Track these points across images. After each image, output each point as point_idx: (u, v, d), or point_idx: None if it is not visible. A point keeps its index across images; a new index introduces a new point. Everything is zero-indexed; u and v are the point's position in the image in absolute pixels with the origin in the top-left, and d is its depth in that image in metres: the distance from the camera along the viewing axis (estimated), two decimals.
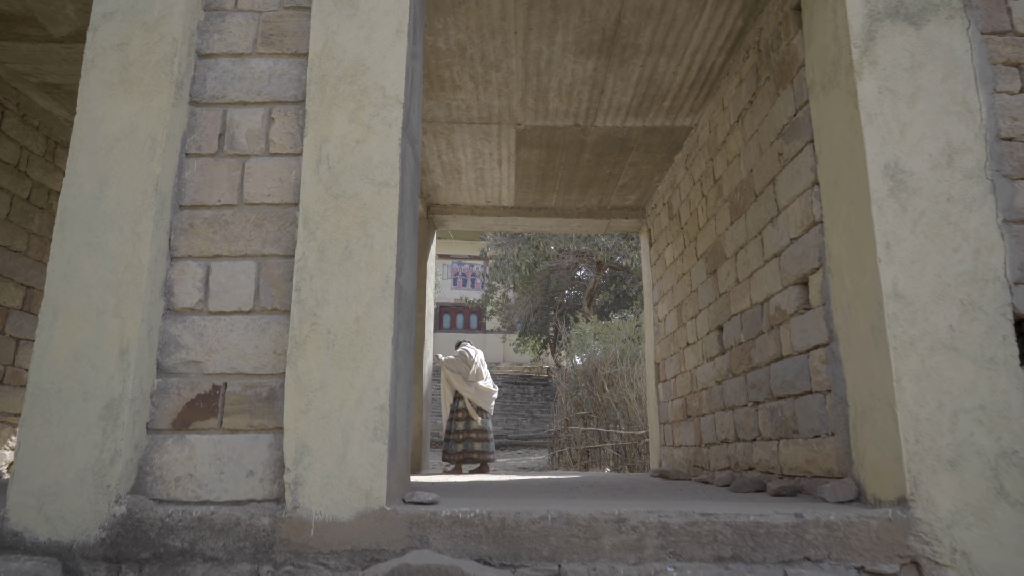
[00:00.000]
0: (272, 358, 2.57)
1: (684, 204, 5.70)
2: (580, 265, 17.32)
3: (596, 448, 9.36)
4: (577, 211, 7.19)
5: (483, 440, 6.91)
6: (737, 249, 4.35)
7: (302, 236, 2.60)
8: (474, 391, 6.91)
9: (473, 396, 6.91)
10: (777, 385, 3.66)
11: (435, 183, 6.59)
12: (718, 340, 4.74)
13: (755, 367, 4.02)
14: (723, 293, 4.63)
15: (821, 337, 3.12)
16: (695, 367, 5.33)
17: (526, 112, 5.17)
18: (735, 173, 4.40)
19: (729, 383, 4.50)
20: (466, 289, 32.29)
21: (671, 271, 6.13)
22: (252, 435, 2.49)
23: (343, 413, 2.42)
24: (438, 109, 5.14)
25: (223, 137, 2.81)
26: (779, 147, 3.66)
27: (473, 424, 6.92)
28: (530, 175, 6.36)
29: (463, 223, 7.39)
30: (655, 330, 6.76)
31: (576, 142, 5.68)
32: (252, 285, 2.64)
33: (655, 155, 5.93)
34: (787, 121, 3.54)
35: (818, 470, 3.17)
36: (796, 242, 3.42)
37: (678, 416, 5.85)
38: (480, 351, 7.25)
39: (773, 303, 3.73)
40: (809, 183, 3.26)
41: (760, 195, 3.95)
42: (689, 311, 5.50)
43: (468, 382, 6.91)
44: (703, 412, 5.11)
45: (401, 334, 2.69)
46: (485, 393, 6.95)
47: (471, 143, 5.71)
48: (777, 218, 3.68)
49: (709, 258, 4.96)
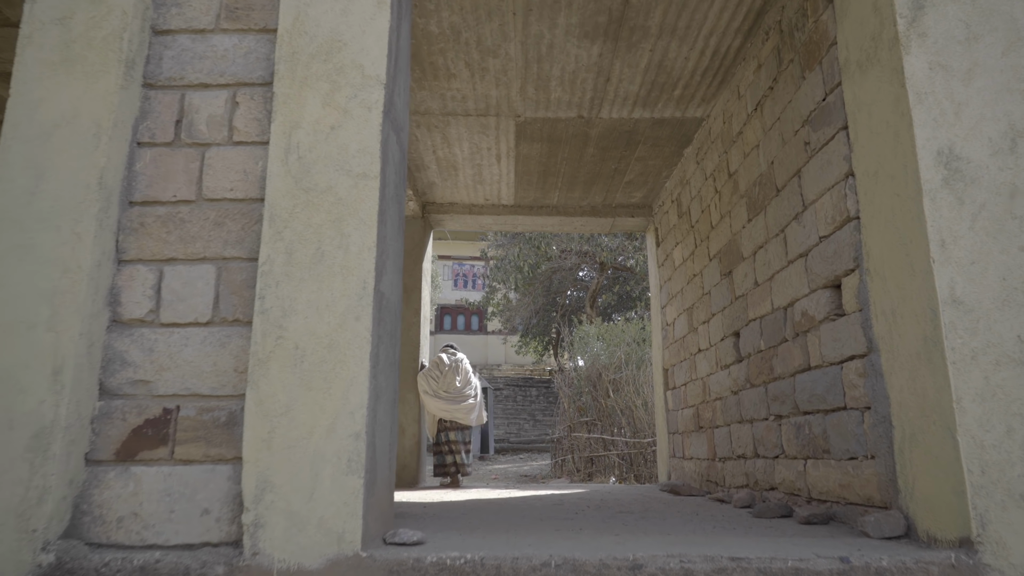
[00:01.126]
0: (233, 377, 2.23)
1: (695, 201, 5.36)
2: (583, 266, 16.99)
3: (600, 456, 9.02)
4: (580, 209, 6.85)
5: (460, 452, 6.53)
6: (756, 249, 4.00)
7: (267, 236, 2.26)
8: (441, 408, 6.48)
9: (441, 413, 6.50)
10: (804, 399, 3.32)
11: (430, 180, 6.25)
12: (734, 347, 4.39)
13: (777, 378, 3.68)
14: (740, 296, 4.28)
15: (858, 347, 2.78)
16: (708, 375, 4.99)
17: (526, 103, 4.83)
18: (753, 166, 4.06)
19: (747, 394, 4.15)
20: (467, 290, 31.96)
21: (680, 272, 5.78)
22: (208, 467, 2.15)
23: (312, 442, 2.08)
24: (432, 100, 4.80)
25: (181, 124, 2.47)
26: (805, 136, 3.31)
27: (451, 436, 6.55)
28: (531, 171, 6.02)
29: (461, 223, 7.05)
30: (663, 334, 6.41)
31: (579, 135, 5.34)
32: (211, 292, 2.30)
33: (663, 149, 5.59)
34: (815, 107, 3.20)
35: (854, 496, 2.82)
36: (826, 240, 3.08)
37: (689, 427, 5.51)
38: (461, 355, 6.83)
39: (799, 308, 3.39)
40: (842, 174, 2.92)
41: (783, 189, 3.60)
42: (701, 315, 5.15)
43: (439, 397, 6.48)
44: (717, 424, 4.76)
45: (382, 348, 2.35)
46: (456, 411, 6.51)
47: (468, 137, 5.37)
48: (803, 214, 3.34)
49: (723, 258, 4.62)
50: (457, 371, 6.65)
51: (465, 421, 6.55)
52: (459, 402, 6.54)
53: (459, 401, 6.55)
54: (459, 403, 6.54)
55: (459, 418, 6.52)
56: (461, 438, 6.55)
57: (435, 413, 6.52)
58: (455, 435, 6.55)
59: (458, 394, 6.57)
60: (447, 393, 6.54)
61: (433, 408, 6.51)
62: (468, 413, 6.57)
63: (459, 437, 6.55)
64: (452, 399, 6.53)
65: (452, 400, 6.53)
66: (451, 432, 6.55)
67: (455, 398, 6.55)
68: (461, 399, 6.57)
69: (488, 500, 4.50)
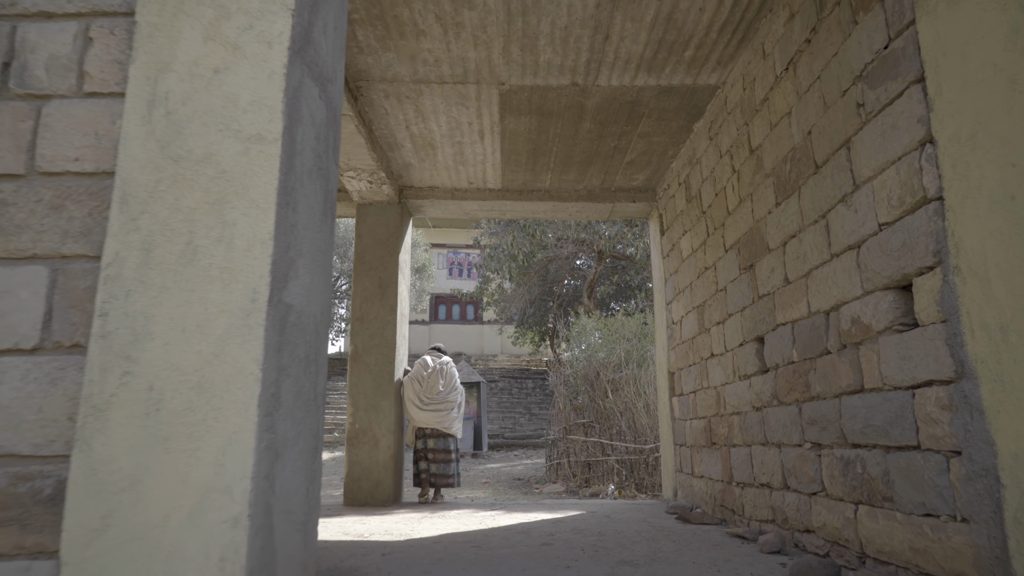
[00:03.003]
0: (67, 428, 1.54)
1: (707, 183, 4.65)
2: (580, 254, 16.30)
3: (599, 461, 8.36)
4: (575, 194, 6.14)
5: (440, 461, 5.86)
6: (786, 238, 3.31)
7: (117, 224, 1.56)
8: (422, 418, 5.80)
9: (421, 423, 5.82)
10: (854, 428, 2.63)
11: (406, 161, 5.53)
12: (757, 355, 3.71)
13: (815, 397, 3.00)
14: (764, 295, 3.59)
15: (940, 370, 2.09)
16: (722, 384, 4.31)
17: (511, 67, 4.11)
18: (783, 139, 3.36)
19: (773, 412, 3.47)
20: (461, 279, 31.27)
21: (689, 264, 5.09)
22: (22, 564, 1.47)
23: (168, 532, 1.39)
24: (399, 64, 4.08)
25: (9, 68, 1.76)
26: (857, 96, 2.61)
27: (429, 443, 5.88)
28: (519, 150, 5.31)
29: (442, 209, 6.34)
30: (668, 333, 5.72)
31: (574, 107, 4.62)
32: (41, 306, 1.60)
33: (670, 123, 4.87)
34: (872, 57, 2.49)
35: (934, 568, 2.14)
36: (889, 229, 2.38)
37: (699, 440, 4.83)
38: (447, 358, 6.15)
39: (847, 313, 2.70)
40: (914, 142, 2.22)
41: (824, 165, 2.90)
42: (714, 314, 4.46)
43: (422, 406, 5.80)
44: (734, 442, 4.09)
45: (287, 384, 1.66)
46: (438, 420, 5.83)
47: (445, 110, 4.65)
48: (854, 195, 2.64)
49: (743, 249, 3.92)
50: (441, 375, 5.97)
51: (446, 429, 5.88)
52: (441, 410, 5.87)
53: (442, 409, 5.87)
54: (441, 411, 5.87)
55: (435, 424, 5.84)
56: (443, 446, 5.88)
57: (415, 423, 5.85)
58: (434, 443, 5.88)
59: (442, 400, 5.89)
60: (429, 398, 5.86)
61: (414, 416, 5.83)
62: (451, 421, 5.89)
63: (440, 445, 5.88)
64: (434, 405, 5.86)
65: (434, 406, 5.86)
66: (430, 440, 5.88)
67: (438, 404, 5.87)
68: (444, 406, 5.89)
69: (465, 536, 3.82)
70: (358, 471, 5.56)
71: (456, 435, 5.92)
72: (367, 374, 5.73)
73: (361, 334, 5.80)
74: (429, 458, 5.86)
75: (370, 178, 5.40)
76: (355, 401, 5.69)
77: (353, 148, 4.85)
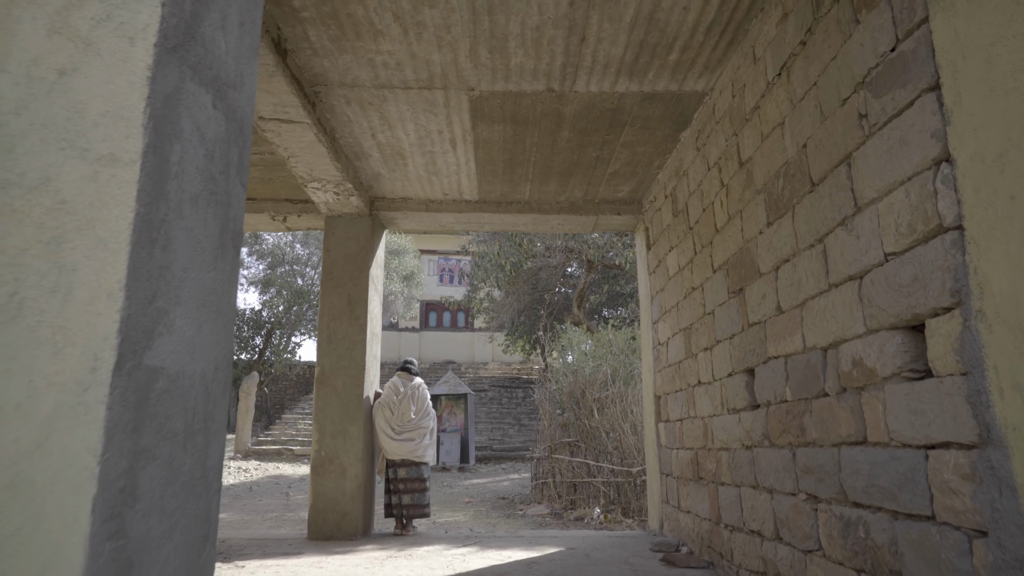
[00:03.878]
0: None
1: (694, 196, 4.33)
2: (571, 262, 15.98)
3: (584, 482, 8.01)
4: (557, 206, 5.81)
5: (413, 491, 5.49)
6: (779, 262, 2.98)
7: None
8: (393, 448, 5.43)
9: (392, 454, 5.46)
10: (856, 485, 2.30)
11: (375, 171, 5.19)
12: (747, 388, 3.38)
13: (811, 443, 2.67)
14: (755, 324, 3.27)
15: (960, 432, 1.76)
16: (710, 416, 3.98)
17: (479, 71, 3.78)
18: (775, 151, 3.03)
19: (764, 453, 3.14)
20: (453, 286, 30.93)
21: (676, 283, 4.76)
22: None
23: None
24: (359, 68, 3.75)
25: None
26: (860, 105, 2.29)
27: (400, 472, 5.51)
28: (494, 160, 4.98)
29: (416, 221, 6.00)
30: (654, 355, 5.39)
31: (551, 115, 4.30)
32: None
33: (655, 132, 4.55)
34: (878, 61, 2.17)
35: None
36: (897, 259, 2.06)
37: (686, 473, 4.50)
38: (418, 380, 5.79)
39: (847, 353, 2.37)
40: (928, 160, 1.90)
41: (821, 182, 2.58)
42: (701, 339, 4.14)
43: (392, 435, 5.43)
44: (722, 480, 3.76)
45: (148, 471, 1.30)
46: (409, 450, 5.45)
47: (412, 117, 4.32)
48: (856, 218, 2.32)
49: (732, 272, 3.60)
50: (413, 400, 5.62)
51: (419, 458, 5.52)
52: (414, 439, 5.51)
53: (414, 437, 5.51)
54: (414, 439, 5.51)
55: (407, 455, 5.49)
56: (415, 474, 5.53)
57: (388, 454, 5.49)
58: (406, 472, 5.52)
59: (414, 427, 5.54)
60: (401, 426, 5.51)
61: (387, 448, 5.47)
62: (424, 449, 5.54)
63: (412, 474, 5.52)
64: (407, 433, 5.50)
65: (407, 434, 5.50)
66: (401, 469, 5.52)
67: (411, 432, 5.52)
68: (417, 433, 5.54)
69: None
70: (323, 502, 5.21)
71: (428, 462, 5.57)
72: (334, 398, 5.38)
73: (328, 355, 5.45)
74: (400, 489, 5.50)
75: (336, 189, 5.06)
76: (321, 427, 5.33)
77: (315, 158, 4.51)
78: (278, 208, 5.81)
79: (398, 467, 5.51)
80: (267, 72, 3.48)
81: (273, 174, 5.29)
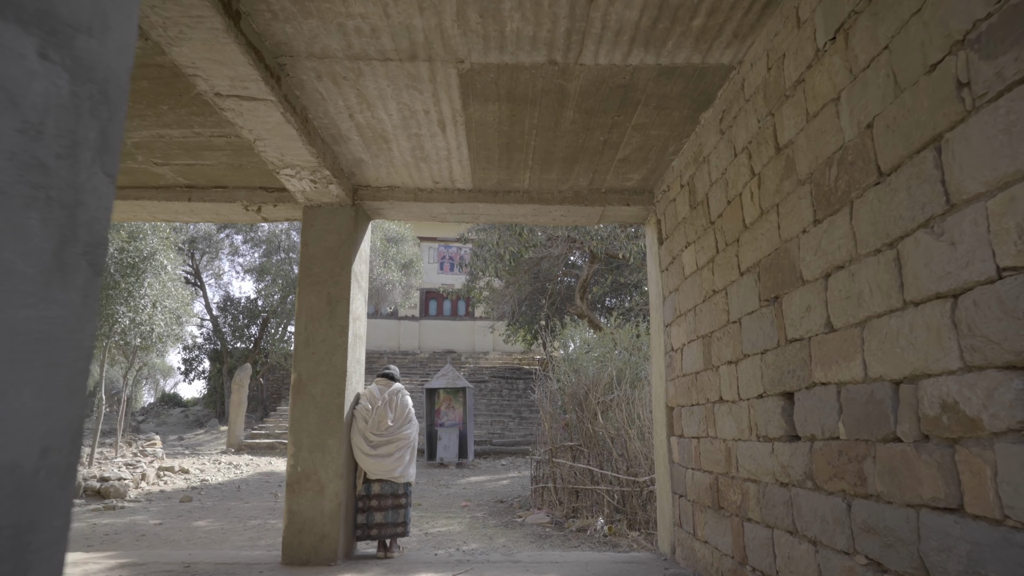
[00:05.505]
0: None
1: (716, 186, 3.79)
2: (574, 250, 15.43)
3: (588, 489, 7.52)
4: (560, 196, 5.26)
5: (387, 508, 4.96)
6: (830, 268, 2.45)
7: None
8: (367, 463, 4.91)
9: (375, 473, 4.93)
10: (948, 567, 1.78)
11: (356, 156, 4.64)
12: (783, 415, 2.86)
13: (874, 496, 2.15)
14: (795, 340, 2.74)
15: None
16: (734, 439, 3.46)
17: (469, 39, 3.23)
18: (826, 133, 2.49)
19: (807, 496, 2.62)
20: (453, 274, 30.39)
21: (693, 284, 4.23)
22: None
23: None
24: (327, 35, 3.20)
25: None
26: (958, 70, 1.74)
27: (373, 488, 4.99)
28: (489, 145, 4.43)
29: (405, 212, 5.46)
30: (666, 361, 4.87)
31: (553, 92, 3.75)
32: None
33: (672, 113, 4.00)
34: (990, 11, 1.62)
35: None
36: (1015, 277, 1.53)
37: (703, 498, 3.99)
38: (398, 385, 5.27)
39: (933, 392, 1.84)
40: None
41: (894, 172, 2.04)
42: (724, 350, 3.61)
43: (365, 449, 4.91)
44: (749, 515, 3.24)
45: None
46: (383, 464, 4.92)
47: (393, 94, 3.77)
48: (947, 219, 1.78)
49: (765, 276, 3.06)
50: (391, 406, 5.11)
51: (398, 478, 5.00)
52: (393, 453, 4.99)
53: (393, 451, 4.99)
54: (393, 454, 4.99)
55: (384, 474, 4.95)
56: (390, 490, 5.02)
57: (360, 466, 4.99)
58: (380, 487, 5.01)
59: (390, 437, 5.02)
60: (378, 435, 5.00)
61: (363, 464, 4.96)
62: (404, 467, 5.02)
63: (387, 489, 5.01)
64: (385, 446, 4.99)
65: (385, 448, 4.99)
66: (375, 484, 5.01)
67: (388, 445, 5.00)
68: (396, 446, 5.01)
69: None
70: (299, 522, 4.71)
71: (405, 480, 5.05)
72: (312, 407, 4.87)
73: (306, 360, 4.93)
74: (373, 506, 4.98)
75: (312, 177, 4.52)
76: (297, 439, 4.82)
77: (285, 141, 3.96)
78: (251, 197, 5.27)
79: (372, 483, 4.99)
80: (216, 39, 2.93)
81: (243, 159, 4.75)
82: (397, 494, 4.99)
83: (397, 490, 5.00)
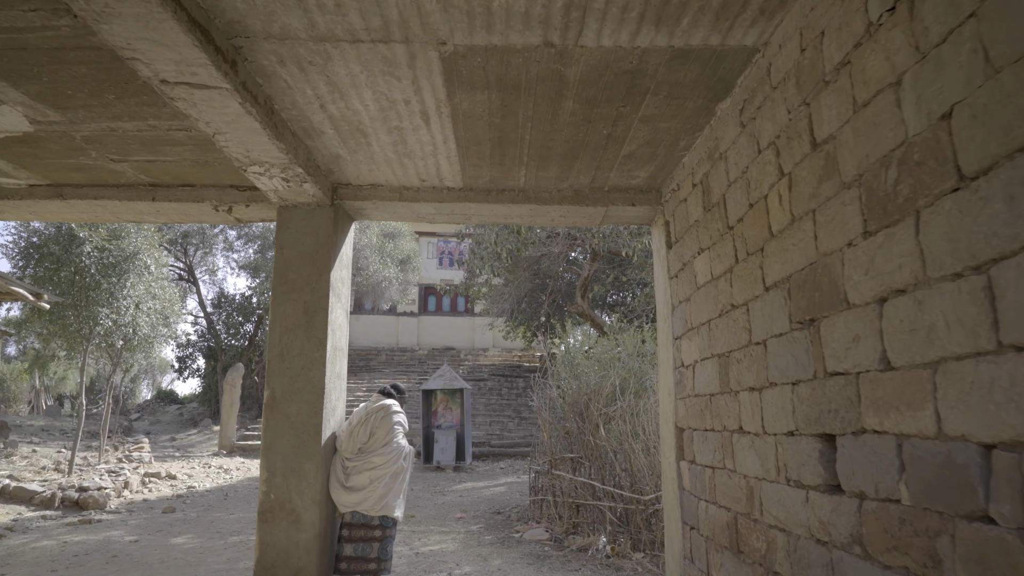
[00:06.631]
0: None
1: (736, 187, 3.33)
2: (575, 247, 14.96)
3: (589, 505, 7.09)
4: (559, 195, 4.81)
5: (357, 540, 4.51)
6: (886, 292, 2.00)
7: None
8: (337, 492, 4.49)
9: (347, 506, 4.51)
10: None
11: (333, 152, 4.19)
12: (821, 460, 2.41)
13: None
14: (838, 373, 2.29)
15: None
16: (757, 477, 3.02)
17: (451, 15, 2.77)
18: (882, 126, 2.03)
19: (853, 564, 2.18)
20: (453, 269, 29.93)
21: (707, 295, 3.78)
22: None
23: None
24: (287, 11, 2.74)
25: None
26: None
27: (348, 517, 4.55)
28: (479, 139, 3.98)
29: (389, 212, 5.01)
30: (675, 377, 4.43)
31: (550, 79, 3.29)
32: None
33: (685, 103, 3.54)
34: None
35: None
36: None
37: (719, 537, 3.55)
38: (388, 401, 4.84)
39: None
40: None
41: (983, 176, 1.59)
42: (746, 374, 3.16)
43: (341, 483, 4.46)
44: (776, 570, 2.80)
45: None
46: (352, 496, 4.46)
47: (368, 82, 3.31)
48: None
49: (797, 293, 2.61)
50: (366, 424, 4.67)
51: (364, 509, 4.54)
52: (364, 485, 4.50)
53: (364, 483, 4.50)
54: (364, 488, 4.50)
55: (353, 506, 4.50)
56: (363, 520, 4.58)
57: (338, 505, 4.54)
58: (351, 515, 4.57)
59: (363, 461, 4.57)
60: (351, 460, 4.56)
61: (335, 498, 4.52)
62: (379, 499, 4.56)
63: (359, 520, 4.57)
64: (358, 474, 4.53)
65: (357, 476, 4.52)
66: (349, 513, 4.59)
67: (360, 472, 4.54)
68: (369, 475, 4.53)
69: None
70: (272, 556, 4.28)
71: (394, 516, 4.61)
72: (287, 428, 4.43)
73: (280, 375, 4.49)
74: (343, 535, 4.54)
75: (284, 175, 4.07)
76: (270, 464, 4.39)
77: (248, 135, 3.51)
78: (221, 196, 4.82)
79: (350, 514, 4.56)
80: (152, 14, 2.47)
81: (209, 155, 4.29)
82: (370, 525, 4.54)
83: (371, 521, 4.55)
